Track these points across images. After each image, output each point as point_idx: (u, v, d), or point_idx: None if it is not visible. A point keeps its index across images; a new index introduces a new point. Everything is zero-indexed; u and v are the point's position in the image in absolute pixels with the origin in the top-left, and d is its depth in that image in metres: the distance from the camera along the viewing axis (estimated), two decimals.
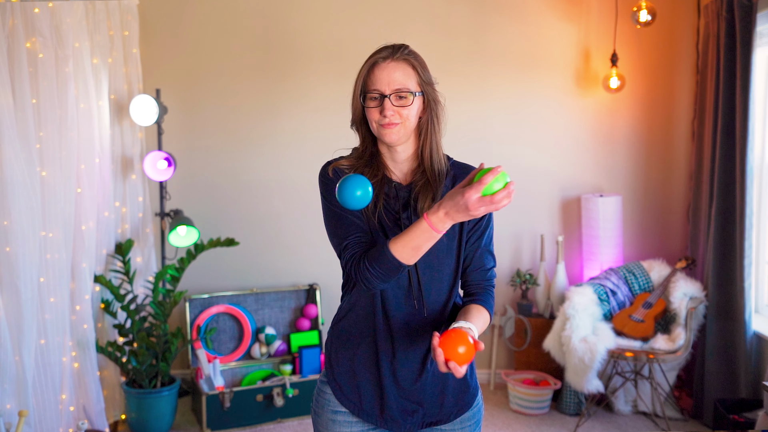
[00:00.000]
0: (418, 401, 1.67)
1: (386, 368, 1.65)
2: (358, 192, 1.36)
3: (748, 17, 3.36)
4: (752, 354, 3.46)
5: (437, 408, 1.68)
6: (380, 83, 1.57)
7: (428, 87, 1.63)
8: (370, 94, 1.59)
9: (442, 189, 1.62)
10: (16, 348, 2.85)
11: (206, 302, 3.99)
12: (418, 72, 1.60)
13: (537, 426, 3.67)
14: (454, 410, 1.70)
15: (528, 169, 4.22)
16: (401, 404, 1.66)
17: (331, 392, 1.70)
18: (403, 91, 1.57)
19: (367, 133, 1.68)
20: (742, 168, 3.41)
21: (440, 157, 1.65)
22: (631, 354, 3.49)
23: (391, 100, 1.57)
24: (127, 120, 3.84)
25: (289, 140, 4.18)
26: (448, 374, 1.65)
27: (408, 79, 1.58)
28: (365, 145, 1.69)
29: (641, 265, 3.92)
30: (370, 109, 1.59)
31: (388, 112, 1.56)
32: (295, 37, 4.14)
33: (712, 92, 3.72)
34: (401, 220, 1.61)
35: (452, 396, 1.69)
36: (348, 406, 1.68)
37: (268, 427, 3.64)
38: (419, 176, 1.64)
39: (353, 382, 1.68)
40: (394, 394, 1.66)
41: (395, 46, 1.61)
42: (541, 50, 4.16)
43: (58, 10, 3.16)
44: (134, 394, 3.49)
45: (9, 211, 2.77)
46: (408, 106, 1.58)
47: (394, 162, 1.67)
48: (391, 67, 1.58)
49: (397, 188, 1.64)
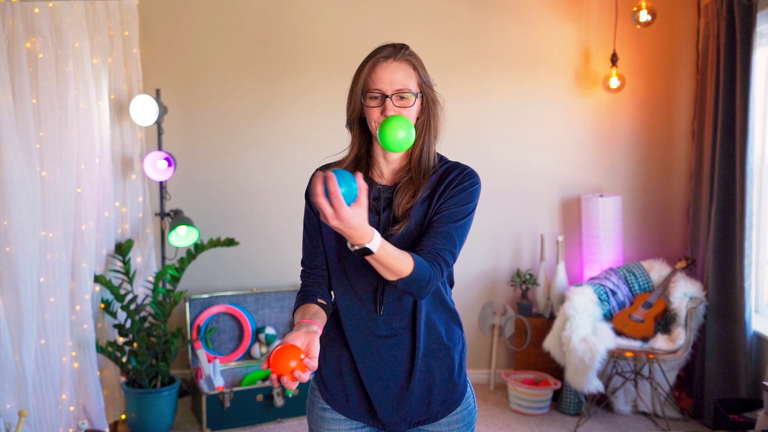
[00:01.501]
0: (405, 400, 1.66)
1: (368, 369, 1.65)
2: (342, 189, 1.35)
3: (749, 17, 3.36)
4: (752, 354, 3.46)
5: (424, 407, 1.67)
6: (382, 83, 1.57)
7: (427, 88, 1.63)
8: (371, 93, 1.58)
9: (425, 186, 1.61)
10: (17, 348, 2.85)
11: (206, 302, 3.99)
12: (418, 73, 1.61)
13: (537, 426, 3.67)
14: (441, 409, 1.69)
15: (528, 169, 4.23)
16: (387, 404, 1.66)
17: (319, 393, 1.72)
18: (405, 92, 1.57)
19: (361, 132, 1.67)
20: (742, 168, 3.41)
21: (431, 156, 1.64)
22: (632, 354, 3.49)
23: (393, 101, 1.56)
24: (126, 120, 3.84)
25: (289, 140, 4.17)
26: (434, 373, 1.66)
27: (409, 80, 1.58)
28: (357, 145, 1.68)
29: (641, 265, 3.92)
30: (371, 109, 1.59)
31: (389, 113, 1.55)
32: (294, 37, 4.14)
33: (712, 92, 3.72)
34: (381, 222, 1.60)
35: (439, 395, 1.68)
36: (335, 406, 1.69)
37: (268, 427, 3.64)
38: (404, 174, 1.64)
39: (340, 382, 1.68)
40: (379, 395, 1.66)
41: (396, 46, 1.61)
42: (541, 50, 4.16)
43: (58, 10, 3.16)
44: (134, 394, 3.49)
45: (9, 211, 2.77)
46: (408, 107, 1.58)
47: (386, 162, 1.66)
48: (393, 67, 1.57)
49: (381, 190, 1.64)
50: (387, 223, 1.60)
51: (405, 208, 1.59)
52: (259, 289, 4.11)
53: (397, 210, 1.60)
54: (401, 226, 1.58)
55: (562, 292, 4.00)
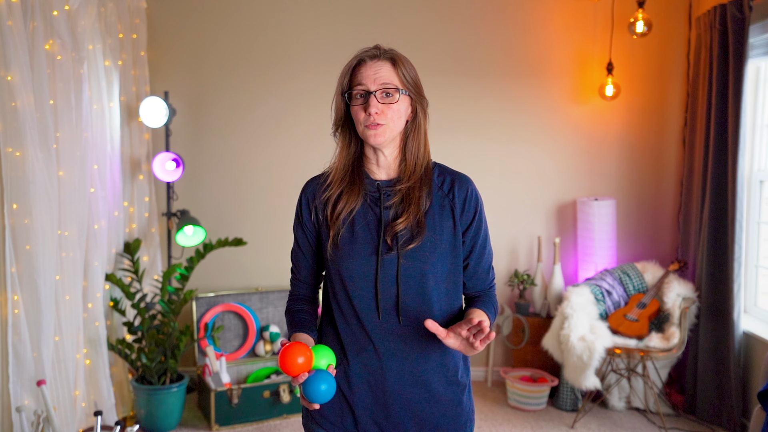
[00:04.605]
0: (411, 414, 1.61)
1: (374, 381, 1.60)
2: (323, 386, 1.40)
3: (741, 29, 3.50)
4: (741, 352, 3.62)
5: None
6: (366, 79, 1.53)
7: (414, 86, 1.58)
8: (354, 90, 1.54)
9: (426, 190, 1.59)
10: (35, 344, 2.90)
11: (212, 301, 4.06)
12: (404, 70, 1.56)
13: (535, 421, 3.79)
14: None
15: (525, 173, 4.36)
16: (393, 418, 1.61)
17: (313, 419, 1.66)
18: (390, 88, 1.53)
19: (352, 136, 1.63)
20: (733, 175, 3.56)
21: (426, 154, 1.63)
22: (630, 351, 3.62)
23: (377, 97, 1.52)
24: (134, 121, 3.90)
25: (295, 140, 4.26)
26: (437, 394, 1.61)
27: (394, 77, 1.54)
28: (345, 150, 1.63)
29: (635, 266, 4.06)
30: (356, 108, 1.55)
31: (372, 110, 1.51)
32: (302, 39, 4.22)
33: (704, 101, 3.86)
34: (383, 218, 1.57)
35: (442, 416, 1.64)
36: (328, 428, 1.64)
37: (274, 422, 3.71)
38: (403, 172, 1.61)
39: (343, 396, 1.62)
40: (381, 408, 1.61)
41: (381, 47, 1.58)
42: (539, 59, 4.29)
43: (74, 13, 3.21)
44: (144, 390, 3.55)
45: (30, 209, 2.82)
46: (394, 104, 1.53)
47: (378, 166, 1.62)
48: (378, 64, 1.54)
49: (380, 186, 1.61)
50: (392, 218, 1.57)
51: (420, 219, 1.57)
52: (264, 288, 4.19)
53: (411, 218, 1.56)
54: (415, 235, 1.55)
55: (559, 292, 4.13)
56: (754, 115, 3.77)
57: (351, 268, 1.56)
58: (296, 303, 1.72)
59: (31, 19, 2.91)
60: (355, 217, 1.59)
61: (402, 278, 1.55)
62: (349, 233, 1.58)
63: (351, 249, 1.57)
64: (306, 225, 1.66)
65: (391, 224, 1.56)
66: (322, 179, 1.66)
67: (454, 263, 1.61)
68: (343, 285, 1.57)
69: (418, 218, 1.56)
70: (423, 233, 1.55)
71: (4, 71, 2.69)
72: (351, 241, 1.57)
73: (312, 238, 1.67)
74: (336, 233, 1.58)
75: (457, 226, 1.59)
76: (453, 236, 1.59)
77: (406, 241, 1.54)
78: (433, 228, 1.57)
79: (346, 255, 1.57)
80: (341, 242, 1.57)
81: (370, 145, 1.60)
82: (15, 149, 2.75)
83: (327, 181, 1.64)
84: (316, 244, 1.67)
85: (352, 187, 1.60)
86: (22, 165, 2.77)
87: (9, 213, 2.77)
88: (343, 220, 1.58)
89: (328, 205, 1.61)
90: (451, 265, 1.60)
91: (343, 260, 1.57)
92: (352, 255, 1.56)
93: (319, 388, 1.40)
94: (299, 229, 1.68)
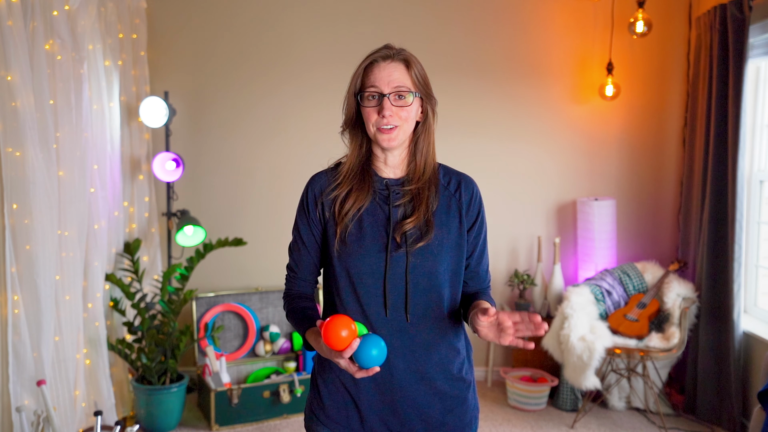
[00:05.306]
0: (417, 415, 1.61)
1: (371, 384, 1.60)
2: (374, 351, 1.40)
3: (741, 29, 3.50)
4: (741, 352, 3.62)
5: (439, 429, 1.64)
6: (379, 81, 1.54)
7: (426, 88, 1.61)
8: (367, 92, 1.55)
9: (434, 191, 1.61)
10: (35, 344, 2.90)
11: (212, 301, 4.06)
12: (416, 72, 1.57)
13: (535, 421, 3.79)
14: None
15: (525, 173, 4.36)
16: (396, 419, 1.61)
17: (317, 419, 1.67)
18: (403, 90, 1.54)
19: (363, 136, 1.64)
20: (733, 175, 3.56)
21: (433, 154, 1.65)
22: (630, 351, 3.62)
23: (390, 100, 1.53)
24: (134, 121, 3.90)
25: (294, 141, 4.26)
26: (443, 391, 1.62)
27: (407, 79, 1.56)
28: (356, 150, 1.64)
29: (635, 266, 4.06)
30: (368, 110, 1.55)
31: (387, 112, 1.52)
32: (303, 39, 4.22)
33: (704, 101, 3.86)
34: (392, 216, 1.58)
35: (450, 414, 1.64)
36: (333, 428, 1.64)
37: (274, 422, 3.71)
38: (412, 172, 1.63)
39: (345, 399, 1.63)
40: (386, 409, 1.61)
41: (392, 47, 1.59)
42: (540, 59, 4.29)
43: (74, 13, 3.21)
44: (144, 390, 3.55)
45: (31, 209, 2.82)
46: (407, 107, 1.55)
47: (386, 165, 1.64)
48: (391, 66, 1.55)
49: (389, 183, 1.62)
50: (401, 216, 1.58)
51: (429, 218, 1.59)
52: (264, 288, 4.19)
53: (421, 218, 1.58)
54: (424, 233, 1.57)
55: (559, 292, 4.13)
56: (754, 115, 3.77)
57: (359, 265, 1.56)
58: (299, 300, 1.69)
59: (31, 19, 2.91)
60: (363, 215, 1.60)
61: (411, 275, 1.56)
62: (357, 230, 1.58)
63: (359, 246, 1.57)
64: (312, 219, 1.65)
65: (401, 223, 1.57)
66: (330, 176, 1.66)
67: (459, 262, 1.63)
68: (350, 282, 1.57)
69: (427, 218, 1.58)
70: (431, 232, 1.57)
71: (4, 71, 2.69)
72: (359, 238, 1.58)
73: (317, 233, 1.66)
74: (344, 230, 1.58)
75: (463, 225, 1.63)
76: (459, 235, 1.62)
77: (415, 240, 1.56)
78: (440, 227, 1.60)
79: (354, 251, 1.57)
80: (349, 239, 1.58)
81: (380, 147, 1.62)
82: (15, 149, 2.75)
83: (337, 179, 1.64)
84: (321, 239, 1.66)
85: (362, 185, 1.61)
86: (22, 165, 2.77)
87: (9, 213, 2.77)
88: (351, 217, 1.59)
89: (336, 201, 1.62)
90: (456, 264, 1.62)
91: (351, 257, 1.57)
92: (361, 251, 1.57)
93: (370, 354, 1.40)
94: (304, 224, 1.67)
